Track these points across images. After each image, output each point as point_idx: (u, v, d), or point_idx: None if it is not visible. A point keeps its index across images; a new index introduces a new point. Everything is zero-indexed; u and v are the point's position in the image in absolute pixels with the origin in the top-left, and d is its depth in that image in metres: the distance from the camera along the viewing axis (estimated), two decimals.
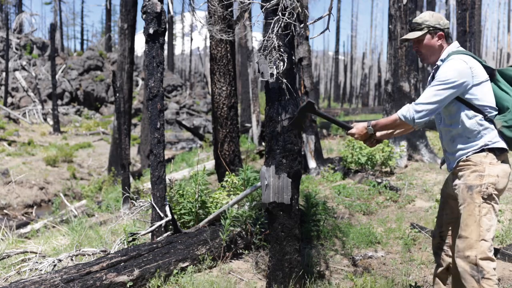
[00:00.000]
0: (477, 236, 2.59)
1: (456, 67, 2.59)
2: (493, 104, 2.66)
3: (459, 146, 2.69)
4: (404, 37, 2.84)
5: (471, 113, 2.64)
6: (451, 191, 2.81)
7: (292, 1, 2.99)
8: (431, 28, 2.75)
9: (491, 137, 2.63)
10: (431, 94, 2.60)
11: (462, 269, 2.63)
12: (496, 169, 2.61)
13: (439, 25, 2.75)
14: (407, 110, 2.66)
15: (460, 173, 2.71)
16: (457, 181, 2.72)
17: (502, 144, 2.63)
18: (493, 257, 2.61)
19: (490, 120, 2.64)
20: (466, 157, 2.67)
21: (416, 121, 2.63)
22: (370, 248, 4.57)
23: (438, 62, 2.77)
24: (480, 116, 2.64)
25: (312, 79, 8.61)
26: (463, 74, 2.58)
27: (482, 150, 2.63)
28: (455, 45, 2.79)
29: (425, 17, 2.77)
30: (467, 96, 2.62)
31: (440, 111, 2.76)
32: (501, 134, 2.64)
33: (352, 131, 2.85)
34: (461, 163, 2.70)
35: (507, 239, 4.38)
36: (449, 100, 2.61)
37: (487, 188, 2.59)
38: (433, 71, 2.84)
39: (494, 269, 2.59)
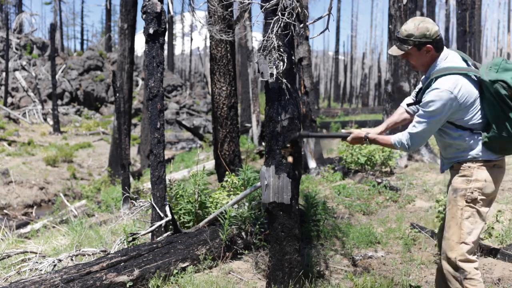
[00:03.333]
0: (458, 238, 2.63)
1: (439, 99, 2.52)
2: (480, 119, 2.61)
3: (451, 154, 2.73)
4: (390, 52, 2.77)
5: (458, 131, 2.64)
6: None
7: (292, 1, 2.98)
8: (416, 43, 2.62)
9: (479, 150, 2.62)
10: (421, 126, 2.62)
11: (446, 270, 2.68)
12: (484, 173, 2.63)
13: (425, 37, 2.60)
14: (400, 140, 2.70)
15: (451, 176, 2.77)
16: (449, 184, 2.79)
17: (489, 157, 2.62)
18: (474, 258, 2.64)
19: (478, 133, 2.62)
20: (457, 162, 2.70)
21: (411, 149, 2.71)
22: (370, 248, 4.57)
23: (423, 80, 2.77)
24: (467, 132, 2.62)
25: (312, 79, 8.61)
26: (448, 105, 2.53)
27: (470, 160, 2.65)
28: (442, 58, 2.65)
29: (409, 30, 2.62)
30: (453, 118, 2.61)
31: None
32: (485, 147, 2.62)
33: (349, 140, 2.89)
34: (455, 167, 2.74)
35: (507, 239, 4.38)
36: (439, 126, 2.65)
37: (472, 193, 2.62)
38: (421, 80, 2.84)
39: (476, 268, 2.62)
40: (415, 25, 2.62)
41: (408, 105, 2.96)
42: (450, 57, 2.66)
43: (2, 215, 11.39)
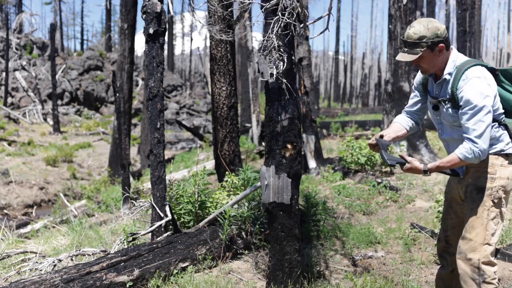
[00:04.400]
0: (482, 239, 2.56)
1: (481, 89, 2.46)
2: (501, 109, 2.60)
3: None
4: (401, 59, 2.62)
5: None
6: (455, 194, 2.78)
7: (292, 1, 2.99)
8: (429, 43, 2.52)
9: (505, 143, 2.60)
10: (482, 125, 2.45)
11: (463, 271, 2.60)
12: (507, 171, 2.60)
13: (437, 37, 2.52)
14: (469, 151, 2.48)
15: (467, 175, 2.68)
16: (466, 182, 2.68)
17: None
18: (495, 261, 2.60)
19: (504, 125, 2.60)
20: None
21: (483, 154, 2.49)
22: (370, 248, 4.57)
23: (446, 76, 2.60)
24: (495, 124, 2.58)
25: (312, 79, 8.61)
26: (489, 90, 2.48)
27: (494, 154, 2.60)
28: (455, 53, 2.63)
29: (420, 32, 2.52)
30: None
31: (443, 123, 2.71)
32: None
33: (404, 169, 2.69)
34: (470, 165, 2.64)
35: (507, 239, 4.38)
36: (492, 117, 2.51)
37: (497, 191, 2.57)
38: (434, 81, 2.70)
39: (495, 272, 2.57)
40: (424, 26, 2.53)
41: (417, 109, 2.87)
42: (461, 55, 2.66)
43: (2, 215, 11.39)
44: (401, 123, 2.93)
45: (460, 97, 2.51)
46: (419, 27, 2.54)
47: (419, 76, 2.85)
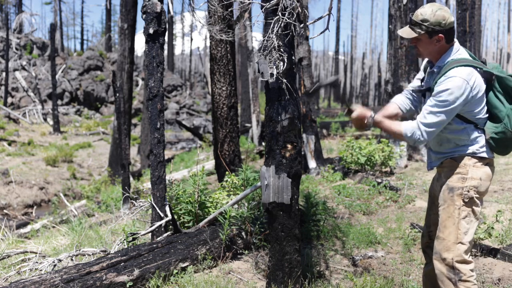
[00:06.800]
0: (455, 238, 2.58)
1: (456, 88, 2.46)
2: (485, 113, 2.61)
3: (446, 149, 2.67)
4: (400, 34, 2.68)
5: (463, 124, 2.59)
6: (437, 191, 2.80)
7: (292, 1, 2.98)
8: (429, 29, 2.54)
9: (479, 146, 2.61)
10: (435, 117, 2.51)
11: (439, 271, 2.62)
12: (479, 172, 2.60)
13: (439, 26, 2.53)
14: (412, 131, 2.56)
15: (443, 174, 2.71)
16: (441, 182, 2.71)
17: (487, 155, 2.62)
18: (470, 259, 2.60)
19: (481, 129, 2.61)
20: (451, 158, 2.65)
21: (421, 141, 2.57)
22: (370, 248, 4.57)
23: (435, 68, 2.65)
24: (472, 126, 2.60)
25: (312, 79, 8.61)
26: (464, 95, 2.47)
27: (467, 155, 2.62)
28: (455, 49, 2.63)
29: (425, 15, 2.54)
30: (463, 110, 2.55)
31: None
32: (489, 143, 2.61)
33: (354, 115, 2.74)
34: (445, 163, 2.69)
35: (507, 239, 4.37)
36: (451, 118, 2.55)
37: (468, 191, 2.58)
38: (428, 70, 2.74)
39: (472, 270, 2.58)
40: (432, 11, 2.54)
41: (414, 91, 2.88)
42: (461, 50, 2.65)
43: (2, 215, 11.40)
44: (397, 104, 2.91)
45: (436, 89, 2.54)
46: (427, 10, 2.56)
47: (426, 60, 2.85)
